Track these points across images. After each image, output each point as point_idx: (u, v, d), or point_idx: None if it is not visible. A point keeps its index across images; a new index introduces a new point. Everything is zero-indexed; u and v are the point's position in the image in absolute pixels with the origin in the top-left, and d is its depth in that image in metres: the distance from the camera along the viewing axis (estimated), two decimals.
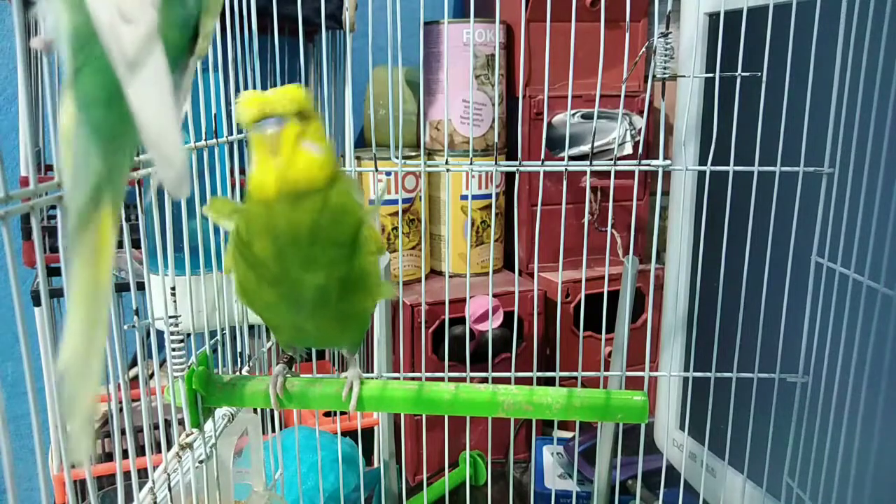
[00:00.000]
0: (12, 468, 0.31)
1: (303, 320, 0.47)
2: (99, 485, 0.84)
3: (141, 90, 0.28)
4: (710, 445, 0.72)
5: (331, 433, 0.89)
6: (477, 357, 0.93)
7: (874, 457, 0.59)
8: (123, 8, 0.28)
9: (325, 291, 0.45)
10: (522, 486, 1.02)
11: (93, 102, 0.30)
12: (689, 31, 0.76)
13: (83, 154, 0.30)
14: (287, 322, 0.49)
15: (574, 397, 0.53)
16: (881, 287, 0.58)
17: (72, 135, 0.30)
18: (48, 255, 0.82)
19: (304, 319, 0.47)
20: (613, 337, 0.76)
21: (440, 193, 1.11)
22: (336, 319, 0.48)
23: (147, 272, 0.48)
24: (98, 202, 0.30)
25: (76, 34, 0.29)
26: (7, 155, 1.02)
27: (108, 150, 0.30)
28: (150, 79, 0.28)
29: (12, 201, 0.32)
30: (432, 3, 1.17)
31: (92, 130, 0.30)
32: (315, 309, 0.46)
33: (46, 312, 0.44)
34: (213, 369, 0.55)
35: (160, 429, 0.51)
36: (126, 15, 0.28)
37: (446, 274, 1.12)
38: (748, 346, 0.68)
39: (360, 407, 0.52)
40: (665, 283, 0.84)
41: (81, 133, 0.30)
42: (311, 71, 1.09)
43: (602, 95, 0.67)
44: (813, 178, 0.64)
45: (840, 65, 0.61)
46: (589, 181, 0.70)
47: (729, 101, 0.66)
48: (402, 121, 1.15)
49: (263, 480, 0.65)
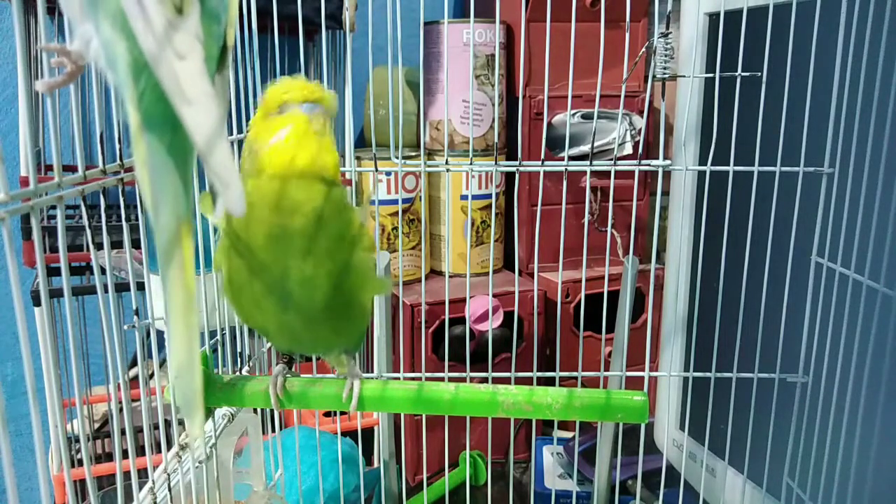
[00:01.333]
0: (12, 468, 0.31)
1: (293, 318, 0.47)
2: (99, 485, 0.84)
3: (197, 120, 0.30)
4: (710, 445, 0.72)
5: (331, 433, 0.89)
6: (477, 357, 0.93)
7: (874, 457, 0.59)
8: (177, 46, 0.30)
9: (316, 282, 0.45)
10: (522, 486, 1.02)
11: (162, 125, 0.32)
12: (689, 31, 0.76)
13: (161, 175, 0.32)
14: (275, 321, 0.48)
15: (574, 397, 0.52)
16: (881, 287, 0.58)
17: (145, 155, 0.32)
18: (48, 255, 0.82)
19: (294, 317, 0.47)
20: (613, 337, 0.76)
21: (440, 193, 1.11)
22: (327, 316, 0.48)
23: (147, 272, 0.48)
24: (179, 216, 0.33)
25: (135, 63, 0.31)
26: (7, 155, 1.02)
27: (180, 169, 0.32)
28: (204, 108, 0.30)
29: (12, 201, 0.32)
30: (432, 3, 1.17)
31: (165, 151, 0.32)
32: (305, 302, 0.46)
33: (46, 312, 0.44)
34: (213, 369, 0.55)
35: (160, 429, 0.51)
36: (180, 53, 0.30)
37: (446, 274, 1.12)
38: (748, 346, 0.68)
39: (360, 407, 0.52)
40: (665, 283, 0.84)
41: (156, 154, 0.32)
42: (311, 71, 1.09)
43: (602, 95, 0.67)
44: (813, 178, 0.64)
45: (840, 65, 0.61)
46: (589, 181, 0.70)
47: (729, 101, 0.66)
48: (402, 121, 1.15)
49: (263, 480, 0.65)
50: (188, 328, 0.33)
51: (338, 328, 0.50)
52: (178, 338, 0.33)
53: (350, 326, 0.51)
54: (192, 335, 0.33)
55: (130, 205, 0.93)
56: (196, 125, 0.30)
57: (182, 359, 0.33)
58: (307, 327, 0.48)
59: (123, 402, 0.44)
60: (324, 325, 0.49)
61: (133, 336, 0.52)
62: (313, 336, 0.50)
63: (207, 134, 0.30)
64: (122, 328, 0.78)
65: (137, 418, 0.52)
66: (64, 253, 0.36)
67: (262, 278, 0.45)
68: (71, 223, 0.90)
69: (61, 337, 0.97)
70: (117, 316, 0.84)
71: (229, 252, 0.45)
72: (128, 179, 0.43)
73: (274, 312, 0.47)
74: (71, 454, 0.92)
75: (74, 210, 0.93)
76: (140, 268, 0.64)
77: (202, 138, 0.30)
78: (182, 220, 0.33)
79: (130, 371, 1.03)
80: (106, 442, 1.00)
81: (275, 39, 0.64)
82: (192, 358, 0.33)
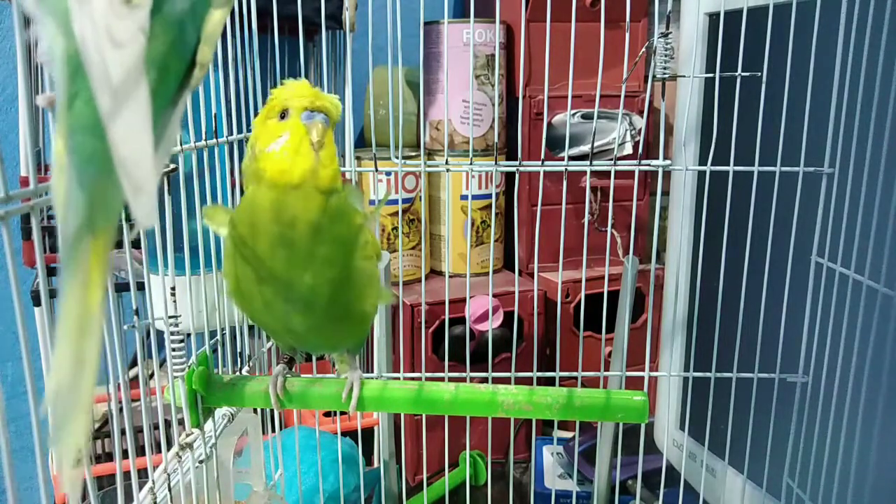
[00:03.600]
0: (12, 468, 0.31)
1: (296, 322, 0.47)
2: (99, 485, 0.84)
3: (120, 116, 0.27)
4: (710, 445, 0.72)
5: (331, 433, 0.89)
6: (477, 357, 0.93)
7: (874, 457, 0.59)
8: (114, 32, 0.28)
9: (316, 290, 0.45)
10: (522, 486, 1.02)
11: (86, 130, 0.29)
12: (689, 31, 0.76)
13: (76, 181, 0.29)
14: (281, 324, 0.48)
15: (574, 397, 0.52)
16: (881, 287, 0.58)
17: (64, 161, 0.29)
18: (48, 255, 0.82)
19: (297, 321, 0.47)
20: (613, 337, 0.76)
21: (440, 193, 1.11)
22: (329, 322, 0.48)
23: (147, 272, 0.48)
24: (91, 230, 0.29)
25: (70, 61, 0.29)
26: (7, 155, 1.02)
27: (100, 178, 0.29)
28: (132, 105, 0.28)
29: (12, 201, 0.32)
30: (432, 3, 1.17)
31: (84, 158, 0.29)
32: (307, 308, 0.46)
33: (46, 312, 0.44)
34: (213, 369, 0.55)
35: (160, 429, 0.51)
36: (116, 39, 0.28)
37: (446, 274, 1.12)
38: (748, 346, 0.68)
39: (360, 407, 0.52)
40: (665, 283, 0.84)
41: (74, 160, 0.29)
42: (311, 71, 1.09)
43: (602, 95, 0.67)
44: (813, 178, 0.64)
45: (840, 65, 0.61)
46: (589, 181, 0.70)
47: (729, 101, 0.66)
48: (402, 121, 1.15)
49: (263, 480, 0.65)
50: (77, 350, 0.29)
51: (340, 332, 0.50)
52: (61, 357, 0.29)
53: (352, 331, 0.51)
54: (81, 357, 0.29)
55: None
56: (114, 117, 0.27)
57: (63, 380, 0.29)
58: (311, 330, 0.49)
59: (123, 402, 0.44)
60: (327, 329, 0.49)
61: (133, 336, 0.51)
62: (318, 338, 0.51)
63: (125, 129, 0.27)
64: (122, 328, 0.78)
65: (137, 418, 0.52)
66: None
67: (267, 284, 0.45)
68: None
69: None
70: (117, 316, 0.84)
71: (235, 257, 0.45)
72: None
73: (279, 316, 0.47)
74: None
75: None
76: (140, 268, 0.64)
77: (118, 132, 0.27)
78: (93, 233, 0.29)
79: (130, 371, 1.02)
80: (106, 442, 1.00)
81: (275, 39, 0.64)
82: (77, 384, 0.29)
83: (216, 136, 0.58)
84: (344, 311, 0.48)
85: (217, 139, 0.58)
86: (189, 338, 0.63)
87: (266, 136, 0.43)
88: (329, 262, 0.44)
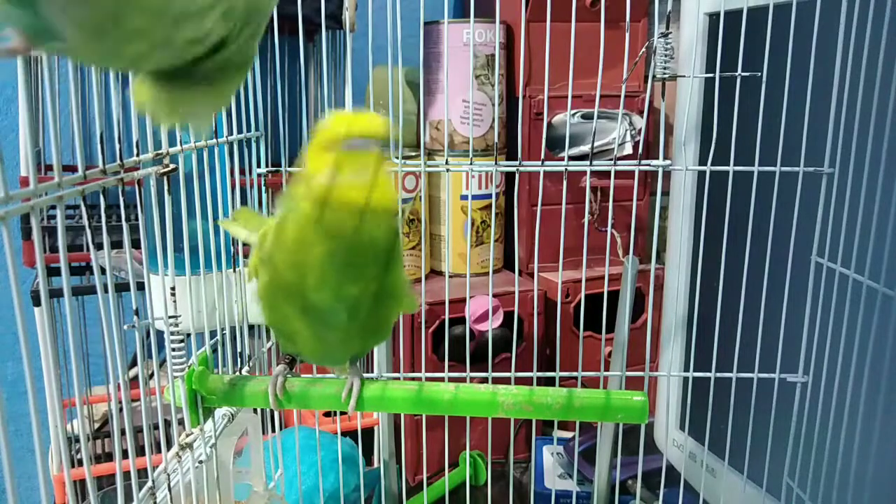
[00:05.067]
0: (12, 468, 0.31)
1: (328, 332, 0.47)
2: (99, 485, 0.84)
3: None
4: (710, 445, 0.72)
5: (331, 433, 0.89)
6: (477, 357, 0.93)
7: (874, 457, 0.59)
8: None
9: (359, 303, 0.45)
10: (522, 486, 1.02)
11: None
12: (689, 31, 0.76)
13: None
14: (309, 333, 0.48)
15: (574, 397, 0.52)
16: (881, 287, 0.58)
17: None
18: (48, 255, 0.82)
19: (329, 331, 0.47)
20: (613, 337, 0.76)
21: (440, 193, 1.11)
22: (362, 331, 0.48)
23: (147, 272, 0.48)
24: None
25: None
26: (7, 155, 1.02)
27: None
28: None
29: (12, 201, 0.32)
30: (432, 3, 1.17)
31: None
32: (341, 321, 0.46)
33: (46, 312, 0.44)
34: (213, 369, 0.55)
35: (160, 429, 0.51)
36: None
37: (446, 274, 1.12)
38: (748, 346, 0.68)
39: (360, 407, 0.52)
40: (665, 283, 0.84)
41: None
42: (311, 71, 1.09)
43: (602, 95, 0.67)
44: (813, 178, 0.64)
45: (840, 65, 0.61)
46: (589, 181, 0.70)
47: (729, 101, 0.66)
48: (402, 121, 1.15)
49: (263, 480, 0.65)
50: None
51: (366, 340, 0.51)
52: None
53: (377, 339, 0.52)
54: None
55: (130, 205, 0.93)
56: None
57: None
58: (340, 340, 0.49)
59: (123, 402, 0.44)
60: (355, 339, 0.49)
61: (133, 336, 0.51)
62: (343, 347, 0.51)
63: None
64: (122, 328, 0.78)
65: (137, 418, 0.52)
66: (64, 253, 0.36)
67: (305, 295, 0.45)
68: (71, 223, 0.90)
69: (61, 337, 0.97)
70: (117, 316, 0.84)
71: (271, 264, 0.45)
72: (128, 179, 0.43)
73: (309, 325, 0.47)
74: (71, 454, 0.92)
75: (74, 210, 0.93)
76: (140, 268, 0.64)
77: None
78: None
79: (130, 371, 1.02)
80: (106, 442, 1.00)
81: (275, 39, 0.64)
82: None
83: (216, 136, 0.58)
84: (377, 320, 0.48)
85: (217, 139, 0.58)
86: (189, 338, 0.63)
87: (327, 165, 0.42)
88: (377, 277, 0.45)
